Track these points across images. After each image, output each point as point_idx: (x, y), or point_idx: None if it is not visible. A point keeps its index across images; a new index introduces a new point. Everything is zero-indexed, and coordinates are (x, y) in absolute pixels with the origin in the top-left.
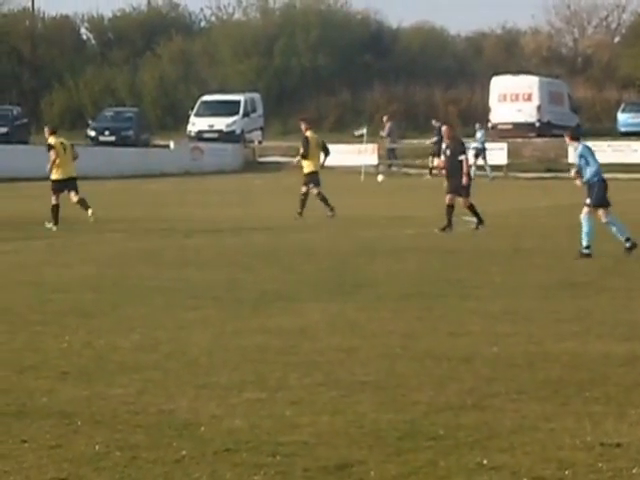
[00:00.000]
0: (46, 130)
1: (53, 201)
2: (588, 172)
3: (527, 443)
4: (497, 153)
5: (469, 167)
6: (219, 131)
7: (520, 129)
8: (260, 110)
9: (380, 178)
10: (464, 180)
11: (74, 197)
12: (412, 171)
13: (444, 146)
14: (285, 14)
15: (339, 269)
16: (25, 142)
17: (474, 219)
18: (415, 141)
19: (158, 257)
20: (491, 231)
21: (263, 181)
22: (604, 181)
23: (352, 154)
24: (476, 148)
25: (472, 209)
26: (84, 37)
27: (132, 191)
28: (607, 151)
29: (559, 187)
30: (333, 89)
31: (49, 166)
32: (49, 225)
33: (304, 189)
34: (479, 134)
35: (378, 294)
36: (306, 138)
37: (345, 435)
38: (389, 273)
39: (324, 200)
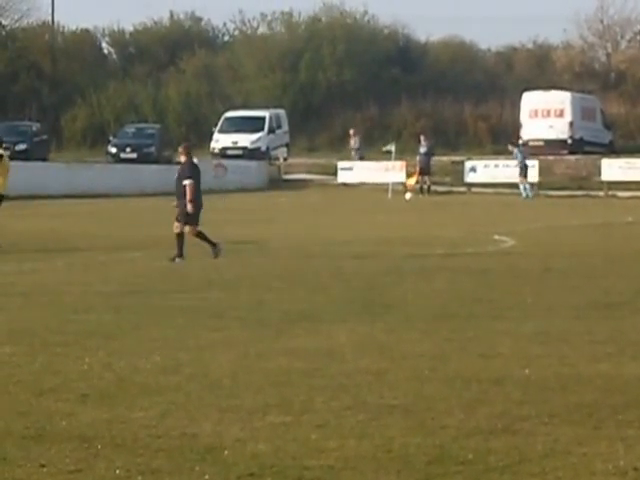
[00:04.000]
0: None
1: None
2: None
3: (559, 468)
4: (528, 170)
5: (193, 194)
6: (243, 148)
7: (552, 146)
8: (285, 126)
9: (408, 196)
10: (188, 207)
11: None
12: (441, 189)
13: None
14: (310, 28)
15: (367, 289)
16: (45, 159)
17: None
18: (445, 158)
19: (180, 277)
20: (522, 250)
21: (288, 199)
22: None
23: (379, 171)
24: (519, 167)
25: (201, 236)
26: (105, 51)
27: (154, 209)
28: None
29: (591, 205)
30: (360, 104)
31: None
32: None
33: None
34: (516, 150)
35: (407, 315)
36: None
37: (372, 460)
38: (418, 293)
39: None
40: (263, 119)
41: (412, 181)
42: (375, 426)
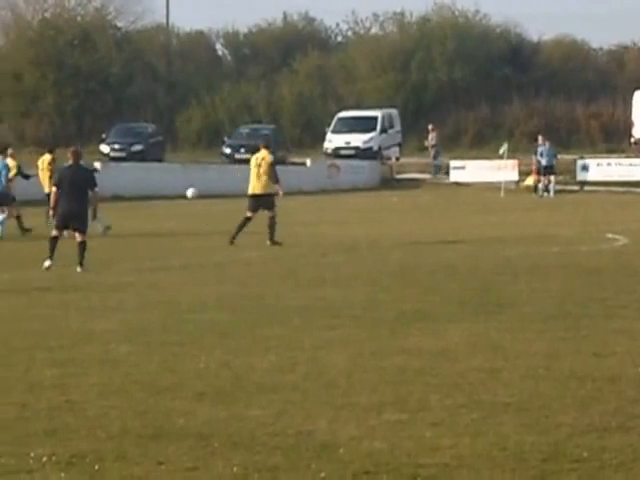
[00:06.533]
0: None
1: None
2: None
3: None
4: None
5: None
6: (356, 148)
7: None
8: (398, 126)
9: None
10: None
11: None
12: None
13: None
14: (422, 28)
15: (481, 288)
16: (160, 160)
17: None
18: (558, 156)
19: (295, 276)
20: (636, 249)
21: (400, 198)
22: None
23: (492, 170)
24: (545, 164)
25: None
26: (219, 53)
27: None
28: None
29: None
30: (472, 103)
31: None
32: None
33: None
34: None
35: (521, 314)
36: None
37: (487, 458)
38: (533, 292)
39: None
40: (375, 119)
41: (530, 181)
42: (489, 424)
